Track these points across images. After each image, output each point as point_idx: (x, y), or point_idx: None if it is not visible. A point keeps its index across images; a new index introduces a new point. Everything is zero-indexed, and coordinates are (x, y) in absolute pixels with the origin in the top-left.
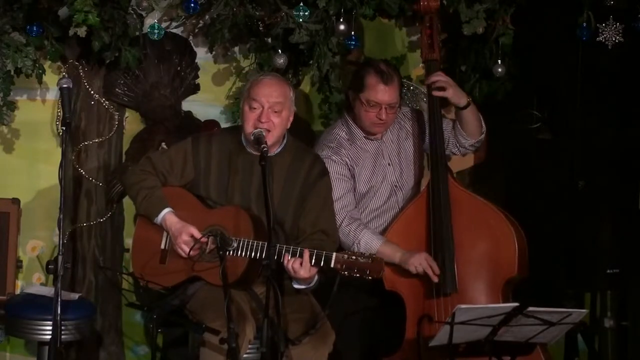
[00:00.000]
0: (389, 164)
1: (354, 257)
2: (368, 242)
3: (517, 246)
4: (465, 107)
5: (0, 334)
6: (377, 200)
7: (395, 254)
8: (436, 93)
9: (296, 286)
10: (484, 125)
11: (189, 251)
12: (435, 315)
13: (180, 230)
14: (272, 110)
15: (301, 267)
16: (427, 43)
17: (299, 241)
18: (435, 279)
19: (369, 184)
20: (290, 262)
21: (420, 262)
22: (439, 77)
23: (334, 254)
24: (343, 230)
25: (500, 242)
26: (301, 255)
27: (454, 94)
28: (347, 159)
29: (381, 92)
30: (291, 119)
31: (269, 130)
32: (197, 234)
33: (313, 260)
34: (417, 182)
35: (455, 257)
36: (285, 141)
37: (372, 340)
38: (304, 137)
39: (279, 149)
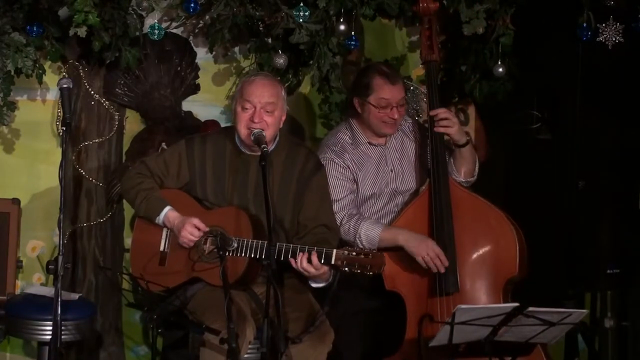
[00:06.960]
0: (391, 171)
1: (354, 253)
2: (368, 232)
3: (517, 246)
4: (464, 146)
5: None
6: (377, 205)
7: (397, 236)
8: (439, 129)
9: (314, 285)
10: (477, 168)
11: (195, 239)
12: (437, 315)
13: (183, 222)
14: (264, 111)
15: (310, 265)
16: (427, 44)
17: (300, 236)
18: (442, 270)
19: (373, 189)
20: (299, 263)
21: (428, 252)
22: (446, 114)
23: (334, 251)
24: (343, 228)
25: (501, 241)
26: (304, 253)
27: (457, 132)
28: (350, 163)
29: (390, 91)
30: (284, 118)
31: (262, 130)
32: (200, 224)
33: None
34: (417, 188)
35: (456, 256)
36: (278, 138)
37: (373, 341)
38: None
39: (273, 147)
